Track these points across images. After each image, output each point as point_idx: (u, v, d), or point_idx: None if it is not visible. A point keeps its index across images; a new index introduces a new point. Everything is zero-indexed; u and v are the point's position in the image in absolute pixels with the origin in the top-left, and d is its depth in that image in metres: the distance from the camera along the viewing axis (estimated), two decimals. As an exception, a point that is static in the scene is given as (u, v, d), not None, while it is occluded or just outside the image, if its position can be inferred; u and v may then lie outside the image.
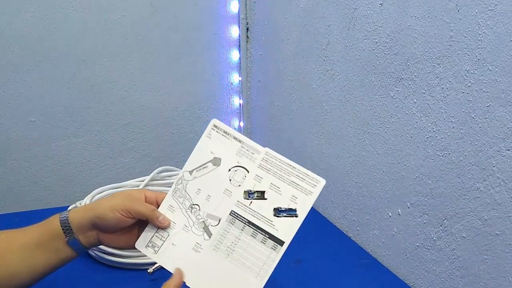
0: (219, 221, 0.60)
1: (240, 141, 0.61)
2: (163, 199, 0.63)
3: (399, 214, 0.81)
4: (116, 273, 0.79)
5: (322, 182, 0.58)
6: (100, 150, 1.24)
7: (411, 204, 0.78)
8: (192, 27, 1.23)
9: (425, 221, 0.76)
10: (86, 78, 1.16)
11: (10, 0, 1.05)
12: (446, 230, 0.72)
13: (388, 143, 0.82)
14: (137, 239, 0.63)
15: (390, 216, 0.84)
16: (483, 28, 0.61)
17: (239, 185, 0.60)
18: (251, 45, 1.26)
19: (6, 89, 1.10)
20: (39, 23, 1.08)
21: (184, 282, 0.59)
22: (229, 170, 0.61)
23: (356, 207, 0.94)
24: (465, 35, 0.64)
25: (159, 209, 0.62)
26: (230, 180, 0.60)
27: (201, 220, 0.60)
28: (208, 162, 0.62)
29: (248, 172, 0.60)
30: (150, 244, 0.61)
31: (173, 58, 1.24)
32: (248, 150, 0.61)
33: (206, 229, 0.60)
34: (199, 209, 0.61)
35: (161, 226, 0.61)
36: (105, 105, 1.20)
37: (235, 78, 1.31)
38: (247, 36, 1.26)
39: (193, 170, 0.62)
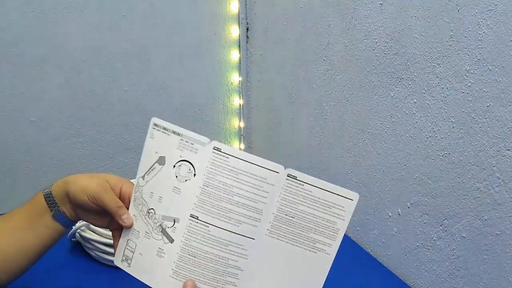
0: (174, 221, 0.57)
1: (178, 134, 0.59)
2: None
3: (399, 214, 0.81)
4: (116, 273, 0.79)
5: (282, 171, 0.54)
6: (100, 150, 1.24)
7: (411, 204, 0.78)
8: (192, 27, 1.23)
9: (425, 221, 0.76)
10: (86, 78, 1.16)
11: (10, 0, 1.05)
12: (446, 230, 0.72)
13: (388, 143, 0.82)
14: (108, 222, 0.61)
15: (390, 216, 0.84)
16: (483, 28, 0.61)
17: (186, 180, 0.57)
18: (251, 45, 1.26)
19: (6, 89, 1.11)
20: (39, 23, 1.08)
21: None
22: (174, 166, 0.58)
23: (356, 207, 0.94)
24: (465, 35, 0.64)
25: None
26: (177, 176, 0.58)
27: (158, 223, 0.58)
28: (154, 163, 0.60)
29: (192, 165, 0.58)
30: (124, 258, 0.59)
31: (173, 58, 1.24)
32: (187, 142, 0.58)
33: (164, 232, 0.57)
34: (155, 213, 0.59)
35: (123, 225, 0.59)
36: (105, 105, 1.20)
37: (235, 78, 1.31)
38: (247, 36, 1.26)
39: (144, 174, 0.60)
